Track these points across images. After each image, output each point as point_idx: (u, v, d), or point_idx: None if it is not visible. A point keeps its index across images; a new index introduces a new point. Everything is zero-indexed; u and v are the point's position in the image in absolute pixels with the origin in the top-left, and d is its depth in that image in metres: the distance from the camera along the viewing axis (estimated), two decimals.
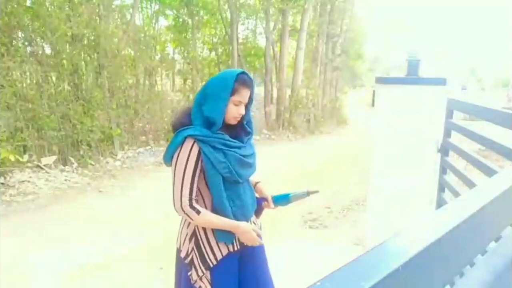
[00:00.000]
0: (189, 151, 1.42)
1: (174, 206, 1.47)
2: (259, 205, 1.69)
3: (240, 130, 1.57)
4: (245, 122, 1.57)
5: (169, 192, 1.49)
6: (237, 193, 1.52)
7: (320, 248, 3.65)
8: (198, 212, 1.45)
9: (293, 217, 4.33)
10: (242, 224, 1.49)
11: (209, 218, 1.47)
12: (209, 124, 1.45)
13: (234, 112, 1.48)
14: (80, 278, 3.05)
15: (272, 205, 1.68)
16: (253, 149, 1.60)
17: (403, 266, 0.45)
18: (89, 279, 3.04)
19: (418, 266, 0.49)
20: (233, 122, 1.52)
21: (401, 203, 2.94)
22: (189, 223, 1.54)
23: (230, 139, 1.49)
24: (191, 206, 1.45)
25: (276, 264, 1.77)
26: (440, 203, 2.75)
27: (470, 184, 2.21)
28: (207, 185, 1.49)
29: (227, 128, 1.52)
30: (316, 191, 1.68)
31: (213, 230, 1.51)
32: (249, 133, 1.59)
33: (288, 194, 1.69)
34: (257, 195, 1.70)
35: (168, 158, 1.50)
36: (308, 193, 1.67)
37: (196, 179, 1.46)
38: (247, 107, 1.54)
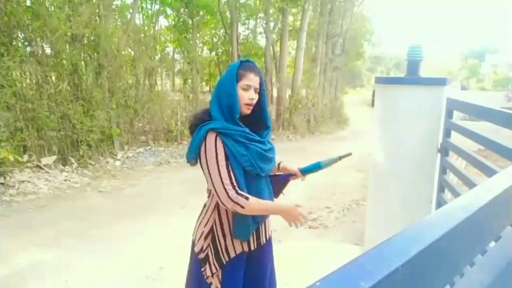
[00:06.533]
0: (214, 143, 1.43)
1: (220, 200, 1.42)
2: (285, 181, 1.74)
3: (259, 126, 1.58)
4: (264, 116, 1.58)
5: (170, 192, 1.49)
6: (258, 189, 1.53)
7: (320, 248, 3.65)
8: (247, 198, 1.43)
9: None
10: (285, 206, 1.52)
11: (258, 202, 1.46)
12: (229, 113, 1.47)
13: (245, 98, 1.49)
14: (80, 278, 3.05)
15: (301, 176, 1.76)
16: (271, 144, 1.62)
17: (403, 266, 0.45)
18: (89, 278, 3.04)
19: (418, 266, 0.49)
20: (247, 110, 1.51)
21: (401, 203, 2.94)
22: (208, 220, 1.55)
23: (251, 133, 1.51)
24: (237, 193, 1.42)
25: (276, 264, 1.78)
26: (440, 203, 2.74)
27: (470, 184, 2.21)
28: None
29: (247, 123, 1.54)
30: (349, 154, 1.74)
31: (230, 228, 1.52)
32: (267, 127, 1.60)
33: (319, 163, 1.73)
34: (282, 173, 1.77)
35: (192, 155, 1.48)
36: (340, 158, 1.71)
37: (230, 167, 1.44)
38: (260, 97, 1.55)
